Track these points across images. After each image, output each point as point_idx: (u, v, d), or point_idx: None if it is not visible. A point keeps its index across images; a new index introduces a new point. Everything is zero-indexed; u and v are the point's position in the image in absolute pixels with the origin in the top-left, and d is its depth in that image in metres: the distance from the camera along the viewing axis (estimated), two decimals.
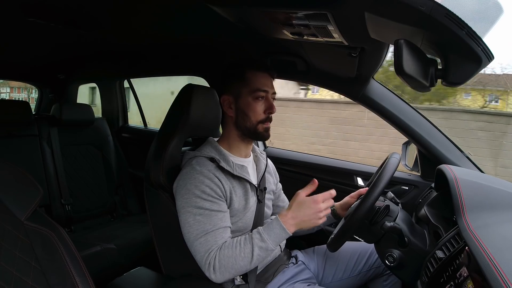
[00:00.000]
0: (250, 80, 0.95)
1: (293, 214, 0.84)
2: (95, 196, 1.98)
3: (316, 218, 0.83)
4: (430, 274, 0.74)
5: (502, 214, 0.75)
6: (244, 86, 0.95)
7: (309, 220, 0.83)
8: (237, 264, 0.83)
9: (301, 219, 0.83)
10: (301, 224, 0.84)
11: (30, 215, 0.68)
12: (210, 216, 0.86)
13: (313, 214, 0.82)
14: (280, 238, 0.84)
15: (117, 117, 2.33)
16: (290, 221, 0.83)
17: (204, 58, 1.60)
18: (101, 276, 1.20)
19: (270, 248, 0.84)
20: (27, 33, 1.35)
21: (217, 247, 0.84)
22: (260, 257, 0.84)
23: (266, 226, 0.86)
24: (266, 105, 0.96)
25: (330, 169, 1.54)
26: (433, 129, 1.26)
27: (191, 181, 0.89)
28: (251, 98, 0.95)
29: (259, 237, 0.84)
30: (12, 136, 1.75)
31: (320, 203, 0.82)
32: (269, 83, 0.97)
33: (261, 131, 0.97)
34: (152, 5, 0.98)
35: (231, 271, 0.83)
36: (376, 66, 1.13)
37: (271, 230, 0.84)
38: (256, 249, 0.83)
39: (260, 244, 0.83)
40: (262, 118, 0.96)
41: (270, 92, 0.97)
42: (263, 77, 0.96)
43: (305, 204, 0.83)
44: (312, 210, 0.82)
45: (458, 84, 0.63)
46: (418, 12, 0.53)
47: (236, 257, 0.82)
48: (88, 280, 0.63)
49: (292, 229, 0.84)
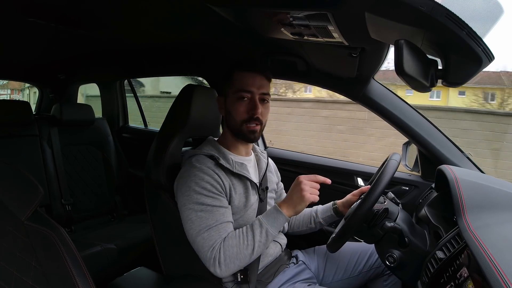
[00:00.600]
0: (235, 81, 0.96)
1: (286, 198, 0.90)
2: (96, 196, 1.98)
3: (301, 198, 0.86)
4: (431, 275, 0.74)
5: (503, 214, 0.75)
6: (230, 87, 0.96)
7: (296, 199, 0.87)
8: (241, 254, 0.85)
9: (289, 198, 0.88)
10: (291, 205, 0.88)
11: (31, 215, 0.69)
12: (212, 211, 0.87)
13: (297, 193, 0.86)
14: (276, 219, 0.88)
15: (118, 117, 2.33)
16: (282, 203, 0.89)
17: (204, 58, 1.60)
18: (102, 276, 1.20)
19: (269, 231, 0.87)
20: (27, 33, 1.35)
21: (221, 241, 0.85)
22: (261, 244, 0.86)
23: (264, 213, 0.91)
24: (250, 105, 0.94)
25: (330, 169, 1.53)
26: (433, 129, 1.25)
27: (191, 178, 0.89)
28: (235, 98, 0.95)
29: (258, 222, 0.88)
30: (13, 136, 1.75)
31: (302, 182, 0.86)
32: (256, 83, 0.94)
33: (245, 132, 0.95)
34: (152, 5, 0.98)
35: (235, 262, 0.85)
36: (376, 66, 1.13)
37: (268, 215, 0.89)
38: (257, 234, 0.86)
39: (259, 229, 0.87)
40: (244, 118, 0.94)
41: (257, 92, 0.94)
42: (249, 77, 0.95)
43: (293, 185, 0.89)
44: (296, 190, 0.87)
45: (459, 84, 0.63)
46: (418, 12, 0.53)
47: (240, 245, 0.85)
48: (88, 280, 0.63)
49: (285, 211, 0.88)
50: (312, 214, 1.16)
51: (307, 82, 1.44)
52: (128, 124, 2.40)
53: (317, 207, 1.17)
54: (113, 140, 2.14)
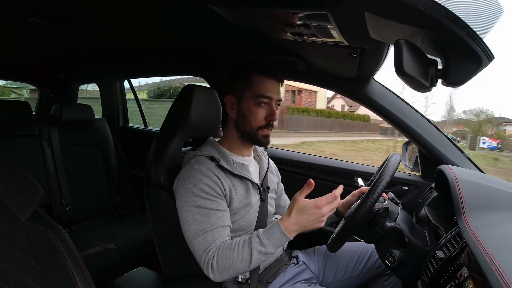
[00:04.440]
0: (254, 84, 0.92)
1: (295, 219, 0.80)
2: (96, 196, 1.98)
3: (318, 222, 0.80)
4: (431, 274, 0.74)
5: (503, 214, 0.75)
6: (248, 89, 0.93)
7: (311, 225, 0.80)
8: (235, 266, 0.81)
9: (303, 224, 0.80)
10: (303, 229, 0.82)
11: (31, 215, 0.69)
12: (208, 215, 0.86)
13: (316, 219, 0.79)
14: (280, 242, 0.82)
15: (118, 117, 2.33)
16: (291, 227, 0.81)
17: (204, 58, 1.60)
18: (102, 276, 1.20)
19: (269, 252, 0.82)
20: (27, 34, 1.35)
21: (216, 247, 0.84)
22: (259, 260, 0.82)
23: (266, 230, 0.83)
24: (268, 111, 0.93)
25: (330, 169, 1.54)
26: (433, 129, 1.26)
27: (189, 180, 0.89)
28: (253, 103, 0.93)
29: (259, 241, 0.81)
30: (13, 136, 1.75)
31: (323, 208, 0.79)
32: (274, 90, 0.94)
33: (260, 137, 0.95)
34: (152, 5, 0.98)
35: (229, 272, 0.82)
36: (376, 66, 1.13)
37: (271, 235, 0.82)
38: (255, 253, 0.81)
39: (259, 248, 0.81)
40: (262, 124, 0.94)
41: (275, 99, 0.94)
42: (269, 83, 0.93)
43: (306, 209, 0.79)
44: (314, 216, 0.79)
45: (459, 84, 0.63)
46: (418, 12, 0.53)
47: (234, 259, 0.81)
48: (89, 280, 0.63)
49: (293, 234, 0.82)
50: None
51: (307, 82, 1.44)
52: (128, 124, 2.40)
53: None
54: (113, 140, 2.14)
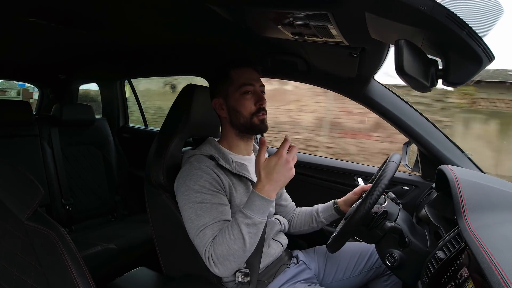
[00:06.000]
0: (234, 78, 0.97)
1: (266, 179, 0.81)
2: (96, 196, 1.98)
3: (288, 171, 0.81)
4: (431, 275, 0.74)
5: (503, 214, 0.75)
6: (230, 85, 0.97)
7: (283, 177, 0.81)
8: (231, 249, 0.80)
9: (275, 180, 0.81)
10: (279, 185, 0.82)
11: (31, 215, 0.69)
12: (210, 209, 0.86)
13: (284, 170, 0.80)
14: (264, 208, 0.82)
15: (118, 117, 2.33)
16: (267, 187, 0.81)
17: (204, 58, 1.61)
18: (102, 276, 1.20)
19: (257, 221, 0.81)
20: (28, 33, 1.35)
21: (213, 239, 0.83)
22: (251, 234, 0.81)
23: (246, 203, 0.83)
24: (256, 98, 0.97)
25: (330, 169, 1.54)
26: (434, 129, 1.26)
27: (190, 177, 0.89)
28: (239, 94, 0.96)
29: (243, 215, 0.81)
30: (13, 136, 1.75)
31: (284, 156, 0.80)
32: (253, 77, 0.98)
33: (257, 123, 0.97)
34: (152, 5, 0.98)
35: (230, 259, 0.81)
36: (376, 66, 1.13)
37: (252, 205, 0.81)
38: (244, 228, 0.80)
39: (246, 221, 0.80)
40: (253, 110, 0.96)
41: (257, 85, 0.98)
42: (247, 72, 0.98)
43: (271, 165, 0.81)
44: (281, 167, 0.80)
45: (459, 84, 0.63)
46: (418, 12, 0.53)
47: (227, 241, 0.80)
48: (89, 280, 0.63)
49: (273, 194, 0.82)
50: (313, 214, 1.16)
51: (307, 82, 1.44)
52: (128, 124, 2.40)
53: (318, 207, 1.18)
54: (113, 140, 2.14)
